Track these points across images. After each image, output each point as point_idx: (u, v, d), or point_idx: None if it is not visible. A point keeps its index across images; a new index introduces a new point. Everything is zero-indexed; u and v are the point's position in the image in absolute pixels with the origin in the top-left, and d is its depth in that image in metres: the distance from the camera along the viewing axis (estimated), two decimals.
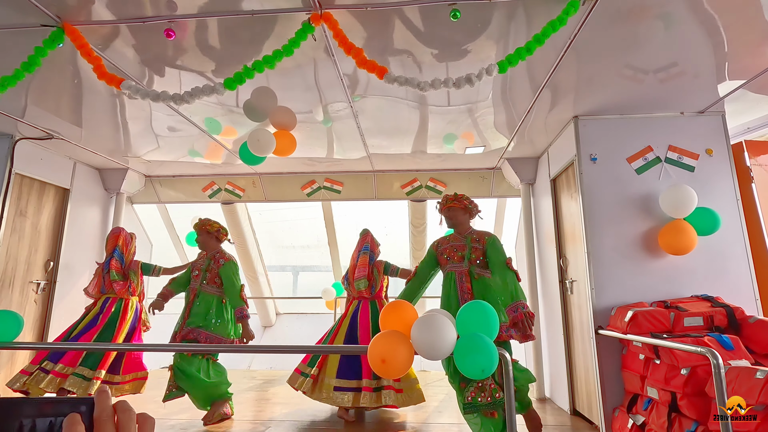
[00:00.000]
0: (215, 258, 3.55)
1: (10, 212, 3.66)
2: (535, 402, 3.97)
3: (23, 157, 3.71)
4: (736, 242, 3.02)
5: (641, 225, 3.09)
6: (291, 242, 7.12)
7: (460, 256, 3.03)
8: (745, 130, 3.55)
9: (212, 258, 3.56)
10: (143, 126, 3.54)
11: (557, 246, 3.78)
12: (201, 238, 3.62)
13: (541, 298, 4.24)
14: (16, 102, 3.06)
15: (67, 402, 0.51)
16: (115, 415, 0.51)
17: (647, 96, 2.99)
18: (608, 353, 2.93)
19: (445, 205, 3.17)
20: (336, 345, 3.48)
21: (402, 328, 1.70)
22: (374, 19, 2.11)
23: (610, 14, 2.08)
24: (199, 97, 2.16)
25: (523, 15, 2.08)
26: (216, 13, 2.06)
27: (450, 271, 3.02)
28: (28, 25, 2.11)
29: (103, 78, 2.13)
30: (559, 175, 3.80)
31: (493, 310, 1.71)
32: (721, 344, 2.31)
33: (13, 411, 0.50)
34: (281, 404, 3.93)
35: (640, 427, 2.59)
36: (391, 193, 4.98)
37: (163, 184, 5.09)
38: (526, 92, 2.95)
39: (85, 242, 4.51)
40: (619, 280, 3.02)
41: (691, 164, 3.15)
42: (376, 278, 3.69)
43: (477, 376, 1.54)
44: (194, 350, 3.47)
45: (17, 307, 3.73)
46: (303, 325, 6.84)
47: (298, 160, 4.54)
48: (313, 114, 3.27)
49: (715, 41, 2.33)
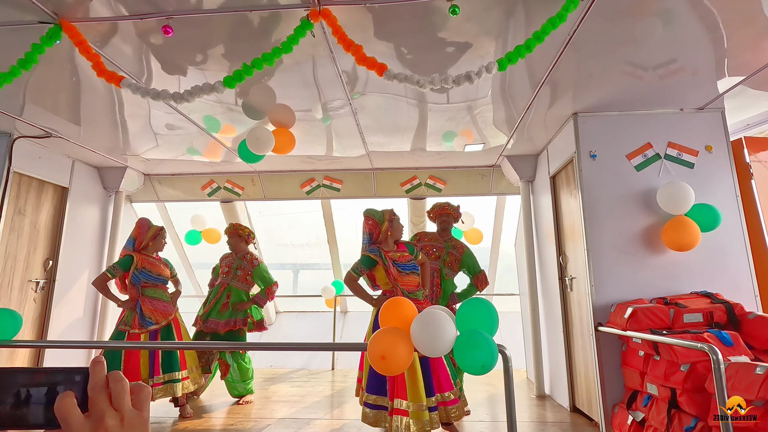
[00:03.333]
0: (246, 258, 4.02)
1: (9, 211, 3.66)
2: (535, 399, 3.98)
3: (22, 156, 3.70)
4: (735, 239, 3.03)
5: (641, 222, 3.09)
6: (290, 240, 7.12)
7: (437, 256, 3.55)
8: (745, 126, 3.55)
9: (243, 258, 4.02)
10: (142, 124, 3.53)
11: (557, 243, 3.78)
12: (232, 241, 4.05)
13: (540, 295, 4.24)
14: (14, 100, 3.05)
15: (62, 371, 0.51)
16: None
17: (647, 92, 2.98)
18: (608, 350, 2.93)
19: (439, 210, 3.70)
20: (336, 342, 3.49)
21: (402, 324, 1.70)
22: (372, 15, 2.10)
23: (610, 10, 2.08)
24: (199, 95, 2.15)
25: (523, 11, 2.08)
26: (214, 10, 2.05)
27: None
28: (24, 22, 2.09)
29: (103, 75, 2.13)
30: (559, 172, 3.80)
31: (493, 307, 1.71)
32: (720, 340, 2.31)
33: (7, 381, 0.50)
34: (281, 402, 3.93)
35: (639, 423, 2.59)
36: (390, 191, 4.98)
37: (162, 182, 5.08)
38: (525, 89, 2.95)
39: (84, 241, 4.50)
40: (618, 276, 3.02)
41: (690, 161, 3.15)
42: None
43: (477, 372, 1.54)
44: (200, 348, 3.53)
45: (16, 306, 3.73)
46: (303, 323, 6.84)
47: (297, 158, 4.53)
48: (312, 112, 3.27)
49: (714, 37, 2.32)
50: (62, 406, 0.47)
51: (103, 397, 0.49)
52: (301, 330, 6.72)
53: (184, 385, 3.46)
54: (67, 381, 0.51)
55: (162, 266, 3.64)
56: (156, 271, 3.57)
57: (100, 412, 0.48)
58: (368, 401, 2.83)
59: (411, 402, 2.69)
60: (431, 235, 3.76)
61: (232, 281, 3.94)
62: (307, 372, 5.30)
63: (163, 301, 3.55)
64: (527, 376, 4.72)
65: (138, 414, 0.51)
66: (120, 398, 0.50)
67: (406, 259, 3.06)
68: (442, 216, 3.73)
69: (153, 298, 3.51)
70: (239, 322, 3.85)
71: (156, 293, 3.54)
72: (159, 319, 3.46)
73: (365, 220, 3.17)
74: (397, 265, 3.01)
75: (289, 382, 4.75)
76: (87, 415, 0.48)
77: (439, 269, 3.54)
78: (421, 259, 3.25)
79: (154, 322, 3.44)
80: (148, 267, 3.53)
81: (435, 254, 3.59)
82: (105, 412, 0.48)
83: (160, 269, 3.60)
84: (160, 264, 3.64)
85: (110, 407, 0.49)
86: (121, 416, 0.49)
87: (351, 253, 6.14)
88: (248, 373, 3.95)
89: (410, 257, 3.10)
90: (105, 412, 0.48)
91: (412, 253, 3.16)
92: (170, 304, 3.60)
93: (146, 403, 0.52)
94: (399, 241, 3.20)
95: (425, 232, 3.82)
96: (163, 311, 3.51)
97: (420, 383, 2.73)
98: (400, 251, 3.09)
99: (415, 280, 3.05)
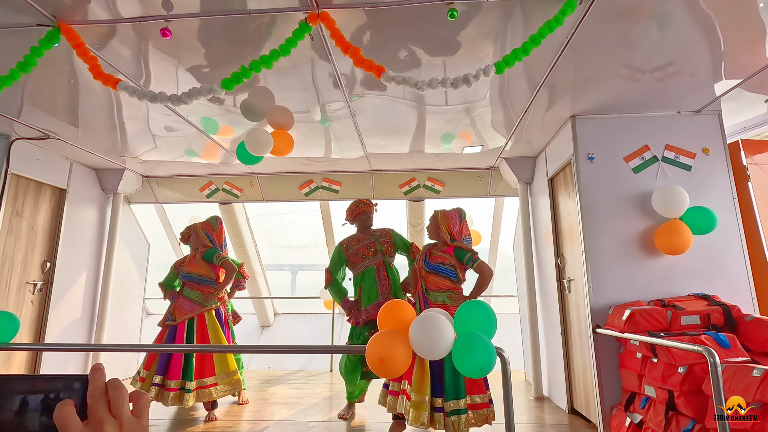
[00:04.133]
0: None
1: (7, 213, 3.65)
2: (534, 401, 3.99)
3: (19, 157, 3.69)
4: (732, 241, 3.04)
5: (638, 224, 3.10)
6: (289, 242, 7.11)
7: (373, 251, 3.58)
8: (742, 129, 3.56)
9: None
10: (140, 126, 3.53)
11: (555, 245, 3.79)
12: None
13: (539, 297, 4.25)
14: (12, 102, 3.04)
15: (61, 379, 0.51)
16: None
17: (644, 95, 3.00)
18: (606, 352, 2.94)
19: (359, 208, 3.68)
20: (336, 345, 3.50)
21: (400, 327, 1.70)
22: (371, 18, 2.10)
23: (607, 13, 2.09)
24: (197, 97, 2.15)
25: (521, 14, 2.08)
26: (212, 13, 2.06)
27: (369, 266, 3.51)
28: (23, 24, 2.09)
29: (99, 78, 2.12)
30: (557, 175, 3.80)
31: (491, 310, 1.71)
32: (717, 342, 2.32)
33: (6, 388, 0.49)
34: (279, 404, 3.92)
35: (637, 425, 2.60)
36: (389, 193, 4.98)
37: (161, 184, 5.07)
38: (523, 91, 2.96)
39: (82, 243, 4.50)
40: (616, 278, 3.03)
41: (687, 163, 3.16)
42: None
43: (475, 374, 1.55)
44: (191, 350, 3.51)
45: (14, 308, 3.71)
46: (301, 325, 6.83)
47: (295, 160, 4.53)
48: (310, 113, 3.27)
49: (711, 40, 2.33)
50: (61, 414, 0.47)
51: (102, 404, 0.49)
52: (300, 331, 6.71)
53: (217, 390, 3.48)
54: (67, 388, 0.51)
55: (198, 264, 3.63)
56: (187, 269, 3.64)
57: (99, 420, 0.48)
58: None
59: (413, 391, 2.81)
60: (356, 237, 3.68)
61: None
62: (306, 374, 5.29)
63: (190, 300, 3.58)
64: (525, 378, 4.72)
65: (137, 421, 0.51)
66: (119, 406, 0.50)
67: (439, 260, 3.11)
68: (362, 215, 3.67)
69: (184, 296, 3.60)
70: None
71: (187, 292, 3.61)
72: (176, 317, 3.52)
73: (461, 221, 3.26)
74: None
75: (288, 384, 4.74)
76: (86, 423, 0.48)
77: (383, 261, 3.53)
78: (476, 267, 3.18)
79: (173, 319, 3.52)
80: (186, 266, 3.66)
81: (371, 251, 3.57)
82: (104, 420, 0.48)
83: (192, 267, 3.63)
84: (196, 262, 3.65)
85: (109, 415, 0.49)
86: (120, 424, 0.49)
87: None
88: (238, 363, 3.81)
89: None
90: (104, 420, 0.48)
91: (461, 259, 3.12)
92: (197, 304, 3.57)
93: (145, 411, 0.52)
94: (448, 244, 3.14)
95: (350, 237, 3.71)
96: (183, 309, 3.54)
97: (427, 377, 2.83)
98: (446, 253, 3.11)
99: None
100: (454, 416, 2.78)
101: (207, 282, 3.60)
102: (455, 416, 2.78)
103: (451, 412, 2.79)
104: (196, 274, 3.59)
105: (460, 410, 2.79)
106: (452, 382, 2.83)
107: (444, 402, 2.82)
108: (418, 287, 3.13)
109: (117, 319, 4.79)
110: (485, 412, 2.86)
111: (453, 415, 2.78)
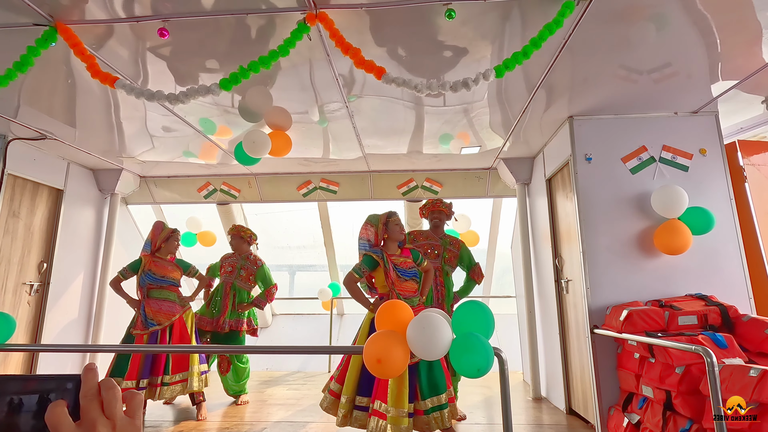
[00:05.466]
0: (250, 259, 4.09)
1: (3, 213, 3.63)
2: (532, 401, 3.99)
3: (16, 158, 3.67)
4: (729, 241, 3.04)
5: (636, 224, 3.11)
6: (287, 242, 7.10)
7: (436, 254, 3.56)
8: (739, 130, 3.57)
9: (247, 258, 4.08)
10: (138, 126, 3.52)
11: (553, 246, 3.80)
12: (234, 242, 4.11)
13: (537, 298, 4.25)
14: (9, 102, 3.03)
15: (54, 379, 0.51)
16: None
17: (641, 96, 3.00)
18: (604, 352, 2.94)
19: (433, 206, 3.68)
20: (334, 345, 3.49)
21: (398, 327, 1.70)
22: (369, 19, 2.10)
23: (605, 15, 2.09)
24: (195, 97, 2.15)
25: (518, 15, 2.09)
26: (210, 13, 2.05)
27: None
28: (20, 24, 2.09)
29: (97, 77, 2.12)
30: (555, 175, 3.81)
31: (489, 310, 1.71)
32: (715, 343, 2.32)
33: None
34: (277, 405, 3.91)
35: (635, 425, 2.60)
36: (387, 194, 4.98)
37: (158, 184, 5.06)
38: (521, 92, 2.96)
39: (79, 243, 4.48)
40: (614, 279, 3.03)
41: (685, 164, 3.17)
42: None
43: (472, 375, 1.54)
44: (192, 351, 3.52)
45: (10, 309, 3.70)
46: (299, 326, 6.82)
47: (293, 161, 4.53)
48: (308, 114, 3.27)
49: (708, 41, 2.34)
50: (53, 415, 0.47)
51: (95, 405, 0.49)
52: (298, 332, 6.70)
53: (191, 383, 3.49)
54: (59, 389, 0.50)
55: (171, 268, 3.65)
56: (161, 273, 3.58)
57: (92, 421, 0.48)
58: (333, 389, 2.87)
59: (391, 407, 2.65)
60: (426, 233, 3.72)
61: (236, 281, 3.98)
62: (304, 374, 5.28)
63: (168, 302, 3.56)
64: (523, 379, 4.73)
65: (130, 421, 0.50)
66: (112, 406, 0.49)
67: (408, 265, 3.01)
68: (435, 213, 3.70)
69: (158, 299, 3.54)
70: (242, 323, 3.90)
71: (161, 294, 3.56)
72: (161, 320, 3.48)
73: (364, 226, 3.15)
74: (397, 269, 2.97)
75: (286, 385, 4.74)
76: (78, 424, 0.48)
77: (441, 267, 3.53)
78: (425, 266, 3.17)
79: (156, 323, 3.47)
80: (154, 269, 3.57)
81: (434, 253, 3.58)
82: (97, 421, 0.48)
83: (166, 271, 3.61)
84: (169, 266, 3.65)
85: (102, 415, 0.49)
86: (113, 424, 0.49)
87: (347, 255, 6.14)
88: (244, 373, 3.97)
89: (412, 264, 3.05)
90: (97, 421, 0.48)
91: (417, 260, 3.10)
92: (176, 305, 3.58)
93: (138, 411, 0.52)
94: (404, 246, 3.16)
95: (420, 231, 3.78)
96: (166, 312, 3.51)
97: (405, 389, 2.68)
98: (404, 256, 3.03)
99: (413, 286, 3.00)
100: (436, 412, 2.72)
101: (172, 283, 3.66)
102: (437, 412, 2.72)
103: (429, 410, 2.72)
104: (161, 275, 3.59)
105: (442, 405, 2.75)
106: (428, 381, 2.77)
107: (421, 401, 2.74)
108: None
109: (114, 320, 4.77)
110: (454, 406, 2.86)
111: (433, 411, 2.72)
